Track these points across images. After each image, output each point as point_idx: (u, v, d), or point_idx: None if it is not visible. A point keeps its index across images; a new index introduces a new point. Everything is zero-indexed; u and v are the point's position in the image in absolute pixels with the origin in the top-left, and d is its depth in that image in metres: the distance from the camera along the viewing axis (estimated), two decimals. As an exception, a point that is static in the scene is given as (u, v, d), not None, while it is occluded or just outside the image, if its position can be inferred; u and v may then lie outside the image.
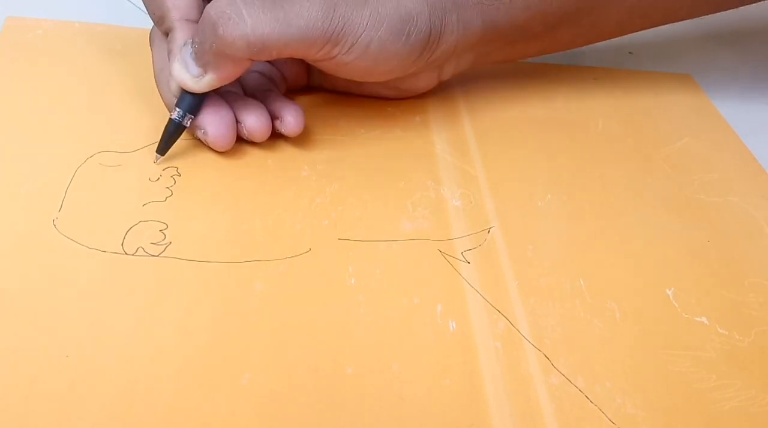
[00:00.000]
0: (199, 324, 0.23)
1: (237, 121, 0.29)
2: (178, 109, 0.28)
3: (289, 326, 0.24)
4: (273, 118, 0.30)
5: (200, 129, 0.29)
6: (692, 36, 0.46)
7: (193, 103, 0.28)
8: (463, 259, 0.27)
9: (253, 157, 0.30)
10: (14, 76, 0.32)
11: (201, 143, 0.30)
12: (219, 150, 0.30)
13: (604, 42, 0.36)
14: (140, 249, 0.25)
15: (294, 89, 0.34)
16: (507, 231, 0.29)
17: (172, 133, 0.29)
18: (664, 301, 0.27)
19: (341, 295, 0.25)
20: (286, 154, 0.31)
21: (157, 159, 0.29)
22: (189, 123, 0.28)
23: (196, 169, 0.29)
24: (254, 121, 0.29)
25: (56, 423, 0.20)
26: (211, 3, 0.26)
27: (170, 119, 0.28)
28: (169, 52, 0.28)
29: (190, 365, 0.22)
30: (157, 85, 0.30)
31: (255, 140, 0.30)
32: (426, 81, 0.33)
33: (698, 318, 0.27)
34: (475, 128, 0.34)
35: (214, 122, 0.29)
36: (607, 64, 0.41)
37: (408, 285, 0.26)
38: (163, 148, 0.29)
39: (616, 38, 0.36)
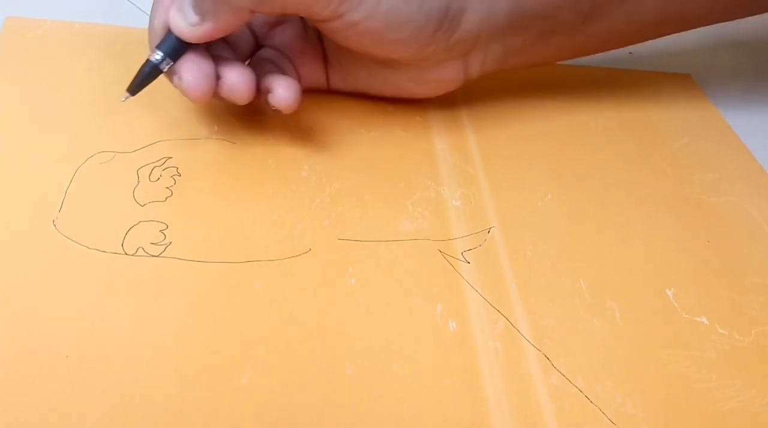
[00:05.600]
0: (199, 324, 0.23)
1: (218, 77, 0.28)
2: (158, 51, 0.27)
3: (289, 326, 0.24)
4: (265, 92, 0.28)
5: (176, 74, 0.27)
6: (692, 36, 0.46)
7: (176, 47, 0.27)
8: (463, 259, 0.27)
9: (254, 157, 0.30)
10: (14, 76, 0.32)
11: (201, 143, 0.30)
12: (192, 99, 0.27)
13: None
14: (140, 249, 0.25)
15: (311, 91, 0.33)
16: (507, 231, 0.29)
17: (147, 75, 0.27)
18: (664, 301, 0.27)
19: (341, 295, 0.25)
20: (286, 154, 0.31)
21: (126, 97, 0.27)
22: (167, 68, 0.27)
23: (196, 169, 0.29)
24: (236, 77, 0.27)
25: (56, 423, 0.20)
26: None
27: (147, 60, 0.27)
28: None
29: (190, 365, 0.22)
30: (149, 28, 0.28)
31: (236, 101, 0.28)
32: (451, 72, 0.32)
33: (698, 318, 0.27)
34: (475, 128, 0.34)
35: (191, 69, 0.27)
36: (607, 64, 0.41)
37: (408, 285, 0.26)
38: (135, 88, 0.27)
39: None
